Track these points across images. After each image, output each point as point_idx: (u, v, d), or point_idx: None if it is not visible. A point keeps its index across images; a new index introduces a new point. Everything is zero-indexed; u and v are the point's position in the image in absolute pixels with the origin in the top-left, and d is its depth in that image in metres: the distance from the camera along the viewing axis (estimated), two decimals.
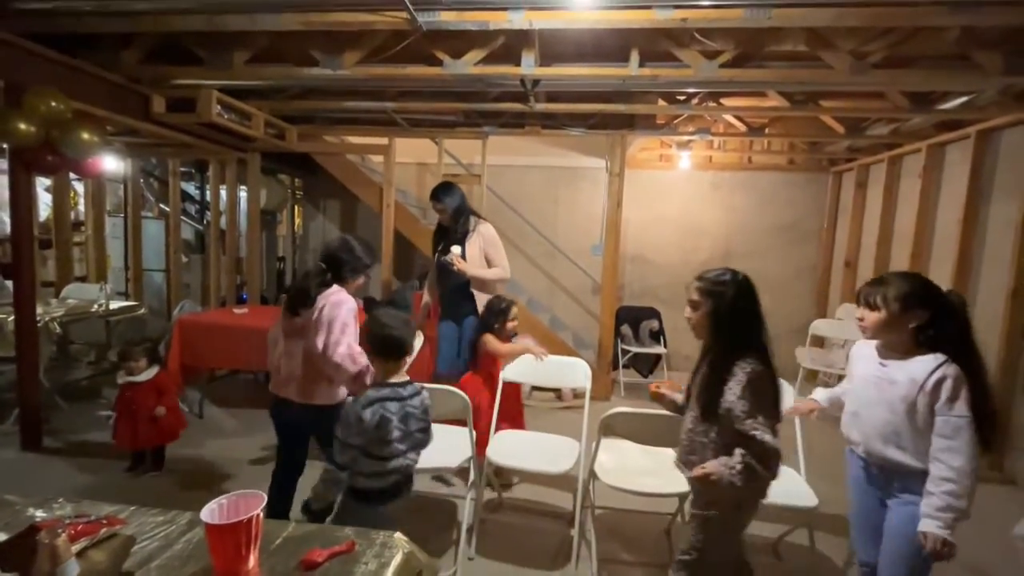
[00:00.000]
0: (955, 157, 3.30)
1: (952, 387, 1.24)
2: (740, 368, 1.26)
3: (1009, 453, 2.78)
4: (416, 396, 1.46)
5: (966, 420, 1.22)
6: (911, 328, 1.31)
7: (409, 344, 1.47)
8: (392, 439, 1.36)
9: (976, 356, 1.28)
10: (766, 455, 1.22)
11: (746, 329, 1.31)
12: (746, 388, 1.24)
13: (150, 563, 0.88)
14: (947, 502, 1.22)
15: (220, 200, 4.38)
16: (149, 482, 2.44)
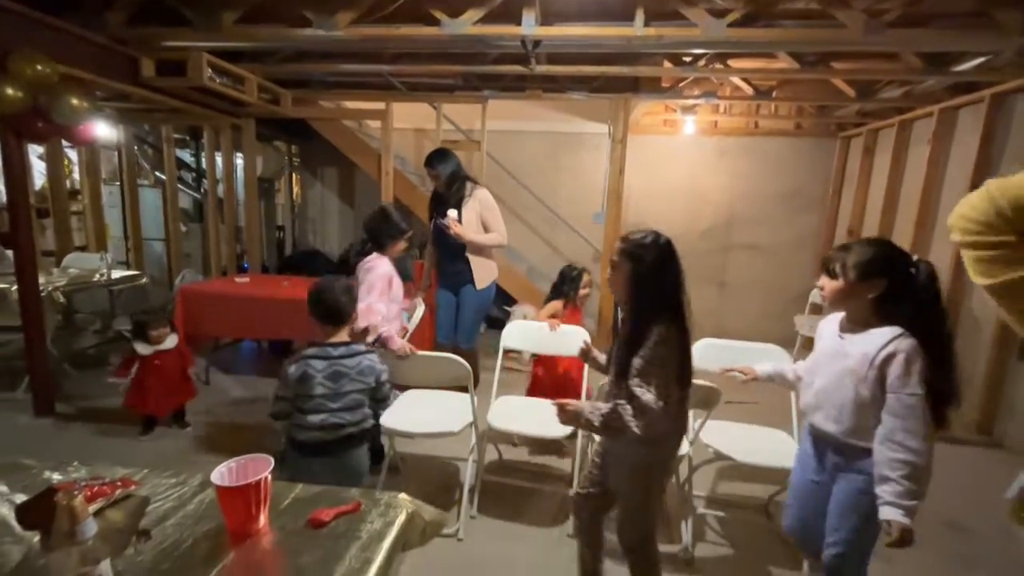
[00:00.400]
0: (967, 122, 3.21)
1: (904, 363, 1.17)
2: (653, 330, 1.25)
3: (999, 418, 2.84)
4: (353, 357, 1.54)
5: (918, 398, 1.16)
6: (870, 299, 1.24)
7: (346, 311, 1.59)
8: (315, 395, 1.47)
9: (939, 330, 1.21)
10: (641, 412, 1.21)
11: (663, 292, 1.29)
12: (649, 349, 1.24)
13: (165, 521, 0.93)
14: (907, 487, 1.17)
15: (216, 168, 4.31)
16: (161, 446, 2.51)
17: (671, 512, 2.10)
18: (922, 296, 1.22)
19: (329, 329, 1.57)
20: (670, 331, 1.25)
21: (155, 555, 0.84)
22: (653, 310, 1.27)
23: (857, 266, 1.24)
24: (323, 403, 1.48)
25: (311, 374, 1.48)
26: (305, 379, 1.48)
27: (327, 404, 1.49)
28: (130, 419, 2.64)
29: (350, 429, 1.53)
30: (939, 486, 2.47)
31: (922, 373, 1.17)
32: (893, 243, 1.28)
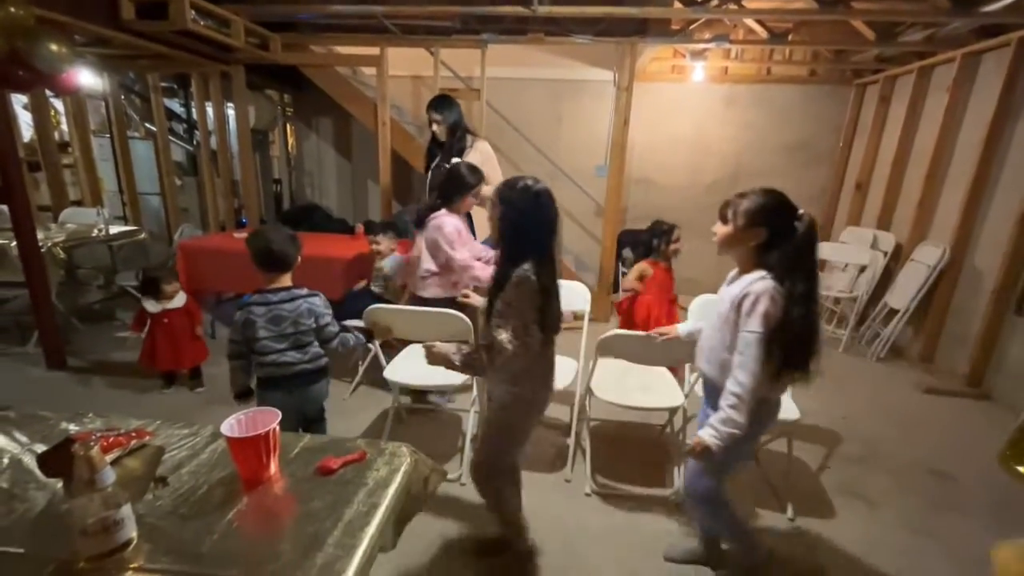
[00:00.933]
0: (990, 68, 3.06)
1: (752, 302, 1.21)
2: (515, 273, 1.27)
3: (989, 371, 2.90)
4: (293, 302, 1.62)
5: (755, 336, 1.20)
6: (752, 246, 1.28)
7: (289, 258, 1.65)
8: (259, 337, 1.59)
9: (805, 281, 1.22)
10: (497, 352, 1.26)
11: (528, 238, 1.30)
12: (508, 292, 1.27)
13: (181, 469, 0.97)
14: (726, 415, 1.23)
15: (207, 119, 4.17)
16: (171, 398, 2.60)
17: (662, 458, 2.20)
18: (797, 245, 1.23)
19: (271, 276, 1.64)
20: (530, 275, 1.27)
21: (173, 500, 0.88)
22: (518, 254, 1.30)
23: (745, 213, 1.27)
24: (268, 344, 1.60)
25: (252, 320, 1.59)
26: (248, 324, 1.59)
27: (272, 345, 1.60)
28: (140, 373, 2.71)
29: (301, 366, 1.64)
30: (926, 435, 2.57)
31: (767, 315, 1.20)
32: (784, 196, 1.28)
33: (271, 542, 0.80)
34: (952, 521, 1.88)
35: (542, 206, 1.31)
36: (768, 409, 1.34)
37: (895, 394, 2.92)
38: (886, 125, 4.03)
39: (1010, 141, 2.88)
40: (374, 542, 0.81)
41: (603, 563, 1.63)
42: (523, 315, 1.27)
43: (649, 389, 2.01)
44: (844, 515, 1.90)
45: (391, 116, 3.96)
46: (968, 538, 1.80)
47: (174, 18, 2.72)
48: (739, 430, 1.23)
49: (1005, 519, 1.88)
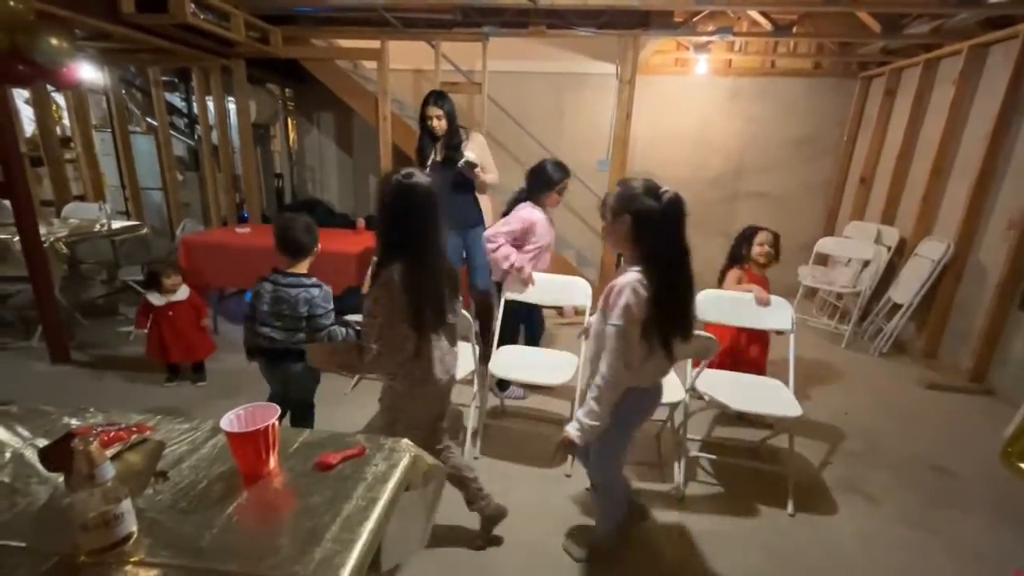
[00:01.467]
0: (997, 60, 3.02)
1: (616, 295, 1.22)
2: (382, 274, 1.28)
3: (993, 366, 2.89)
4: (295, 288, 1.73)
5: (614, 329, 1.22)
6: (629, 238, 1.26)
7: (300, 246, 1.79)
8: (261, 310, 1.76)
9: (671, 262, 1.23)
10: (365, 351, 1.31)
11: (396, 233, 1.30)
12: (374, 291, 1.29)
13: (181, 464, 0.98)
14: (589, 408, 1.27)
15: (208, 113, 4.17)
16: (174, 393, 2.61)
17: (664, 454, 2.20)
18: (657, 224, 1.22)
19: (287, 260, 1.80)
20: (393, 277, 1.26)
21: (173, 494, 0.89)
22: (389, 250, 1.30)
23: (610, 206, 1.27)
24: (265, 318, 1.76)
25: (261, 293, 1.77)
26: (257, 295, 1.78)
27: (268, 320, 1.76)
28: (144, 367, 2.73)
29: (284, 345, 1.75)
30: (927, 431, 2.57)
31: (627, 307, 1.20)
32: (649, 181, 1.27)
33: (270, 536, 0.81)
34: (952, 517, 1.88)
35: (408, 200, 1.28)
36: (642, 397, 1.36)
37: (897, 390, 2.91)
38: (891, 118, 4.00)
39: (1017, 135, 2.85)
40: (373, 537, 0.81)
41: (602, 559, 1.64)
42: (386, 314, 1.28)
43: None
44: (844, 510, 1.90)
45: (392, 110, 3.95)
46: (968, 534, 1.80)
47: (174, 12, 2.71)
48: (599, 421, 1.26)
49: (1006, 515, 1.88)
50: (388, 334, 1.29)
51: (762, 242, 2.33)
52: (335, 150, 5.34)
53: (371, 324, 1.30)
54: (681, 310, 1.27)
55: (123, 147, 4.34)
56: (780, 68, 4.45)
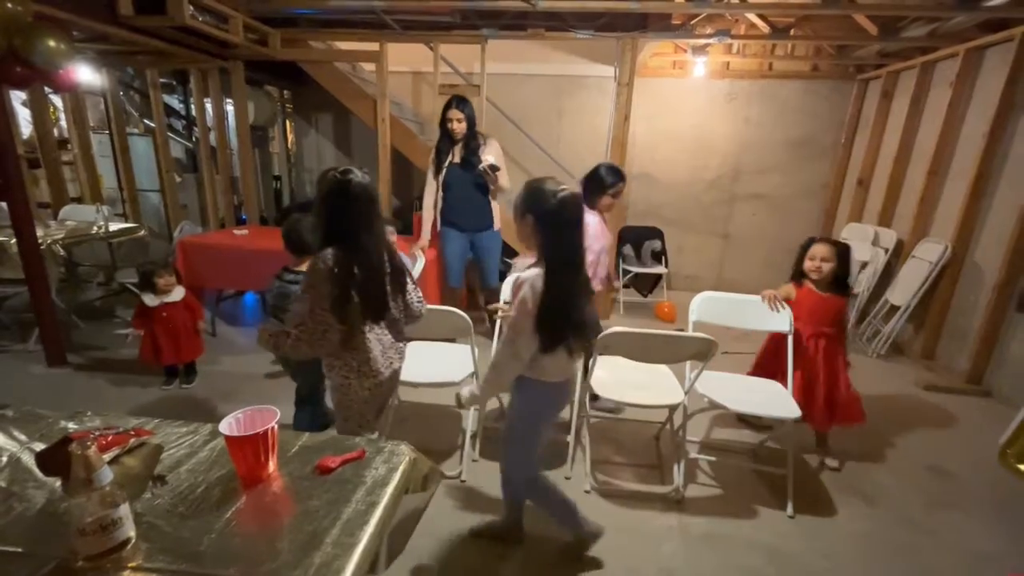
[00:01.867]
0: (993, 63, 3.04)
1: (517, 288, 1.29)
2: (312, 260, 1.34)
3: (990, 368, 2.89)
4: (296, 284, 1.79)
5: (509, 320, 1.29)
6: (534, 237, 1.29)
7: (303, 245, 1.89)
8: (269, 304, 1.96)
9: (563, 260, 1.26)
10: (285, 334, 1.35)
11: (325, 223, 1.35)
12: (305, 276, 1.36)
13: (179, 468, 0.97)
14: (484, 377, 1.39)
15: (206, 115, 4.16)
16: (173, 396, 2.60)
17: (664, 456, 2.20)
18: (550, 223, 1.26)
19: (293, 258, 1.95)
20: (325, 261, 1.31)
21: (172, 499, 0.88)
22: (324, 242, 1.35)
23: (516, 205, 1.32)
24: (274, 310, 1.93)
25: (271, 288, 1.95)
26: (269, 288, 1.97)
27: (274, 313, 1.92)
28: (140, 369, 2.71)
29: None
30: (925, 432, 2.57)
31: (523, 300, 1.26)
32: (549, 180, 1.30)
33: (269, 541, 0.80)
34: (951, 518, 1.88)
35: (345, 194, 1.33)
36: (548, 391, 1.39)
37: (895, 391, 2.92)
38: (888, 121, 4.01)
39: (1012, 136, 2.87)
40: (373, 541, 0.81)
41: (602, 560, 1.64)
42: (315, 300, 1.32)
43: (649, 387, 2.01)
44: (844, 512, 1.90)
45: (391, 113, 3.95)
46: (967, 535, 1.80)
47: (172, 14, 2.71)
48: (486, 394, 1.42)
49: (1004, 516, 1.88)
50: (309, 321, 1.33)
51: (814, 256, 2.05)
52: (334, 152, 5.34)
53: (294, 310, 1.36)
54: (571, 311, 1.28)
55: (120, 149, 4.33)
56: (778, 70, 4.47)
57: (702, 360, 1.81)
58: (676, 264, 4.75)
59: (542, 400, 1.42)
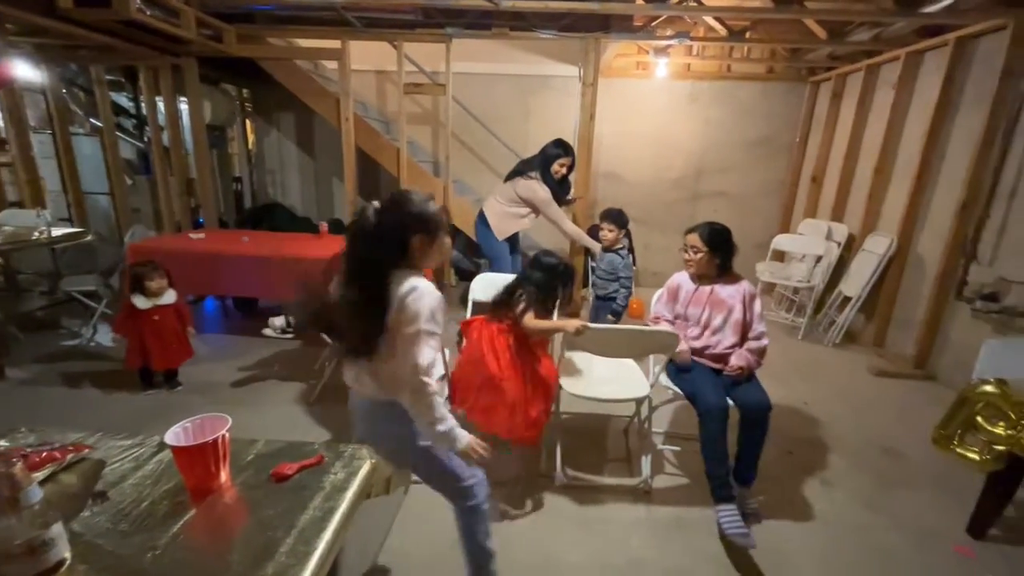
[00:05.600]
0: (931, 66, 3.23)
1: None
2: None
3: (933, 353, 3.07)
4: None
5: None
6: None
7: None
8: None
9: (349, 275, 1.19)
10: None
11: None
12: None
13: (123, 483, 0.92)
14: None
15: (158, 114, 3.98)
16: (124, 408, 2.46)
17: (632, 449, 2.23)
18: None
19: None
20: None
21: (113, 516, 0.84)
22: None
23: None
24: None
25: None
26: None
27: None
28: (94, 381, 2.57)
29: None
30: (877, 416, 2.70)
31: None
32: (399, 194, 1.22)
33: (219, 554, 0.77)
34: (901, 496, 1.99)
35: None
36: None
37: (849, 378, 3.06)
38: (838, 121, 4.20)
39: (949, 136, 3.05)
40: (329, 548, 0.79)
41: (575, 554, 1.65)
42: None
43: (616, 381, 2.04)
44: (804, 495, 1.98)
45: (355, 112, 3.87)
46: (915, 510, 1.90)
47: (117, 7, 2.57)
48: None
49: (948, 491, 2.00)
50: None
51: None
52: (296, 152, 5.20)
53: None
54: (344, 321, 1.17)
55: (64, 150, 4.09)
56: (736, 72, 4.62)
57: (665, 353, 1.85)
58: (643, 261, 4.83)
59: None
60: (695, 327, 1.98)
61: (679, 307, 2.03)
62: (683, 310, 2.01)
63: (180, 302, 2.54)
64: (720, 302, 1.94)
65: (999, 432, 1.58)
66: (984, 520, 1.76)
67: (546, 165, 3.03)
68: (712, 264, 1.95)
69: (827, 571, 1.63)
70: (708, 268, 1.96)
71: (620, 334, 1.83)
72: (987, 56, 2.81)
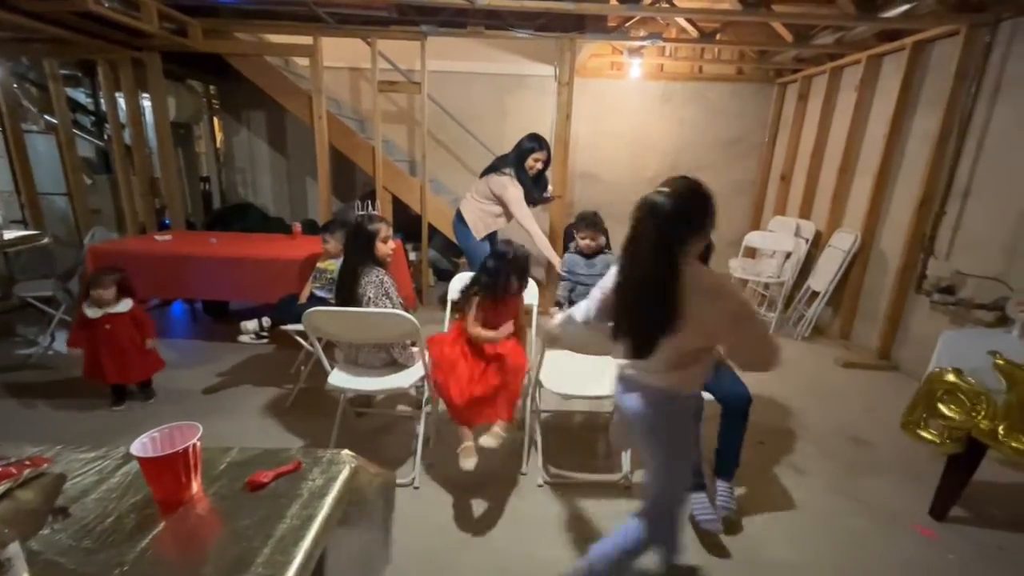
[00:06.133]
0: (890, 69, 3.37)
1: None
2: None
3: (896, 345, 3.21)
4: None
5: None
6: None
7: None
8: None
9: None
10: None
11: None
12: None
13: (86, 497, 0.87)
14: None
15: (119, 110, 3.81)
16: (90, 419, 2.35)
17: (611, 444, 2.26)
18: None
19: None
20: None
21: (75, 532, 0.79)
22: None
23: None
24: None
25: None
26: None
27: None
28: (50, 393, 2.45)
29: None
30: (845, 406, 2.80)
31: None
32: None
33: (191, 568, 0.74)
34: (869, 482, 2.07)
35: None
36: None
37: (818, 370, 3.17)
38: (805, 121, 4.34)
39: (908, 136, 3.19)
40: (308, 557, 0.76)
41: (558, 551, 1.66)
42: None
43: (596, 378, 2.05)
44: (778, 483, 2.03)
45: (329, 110, 3.80)
46: (882, 496, 1.98)
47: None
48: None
49: (912, 476, 2.09)
50: None
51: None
52: (268, 151, 5.06)
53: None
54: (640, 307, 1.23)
55: (16, 148, 3.87)
56: (707, 73, 4.72)
57: None
58: None
59: None
60: None
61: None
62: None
63: (138, 310, 2.38)
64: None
65: (957, 417, 1.67)
66: (945, 502, 1.85)
67: (520, 161, 2.96)
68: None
69: (798, 554, 1.69)
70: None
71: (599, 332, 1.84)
72: (942, 60, 2.95)
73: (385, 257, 2.06)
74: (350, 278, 1.98)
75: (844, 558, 1.68)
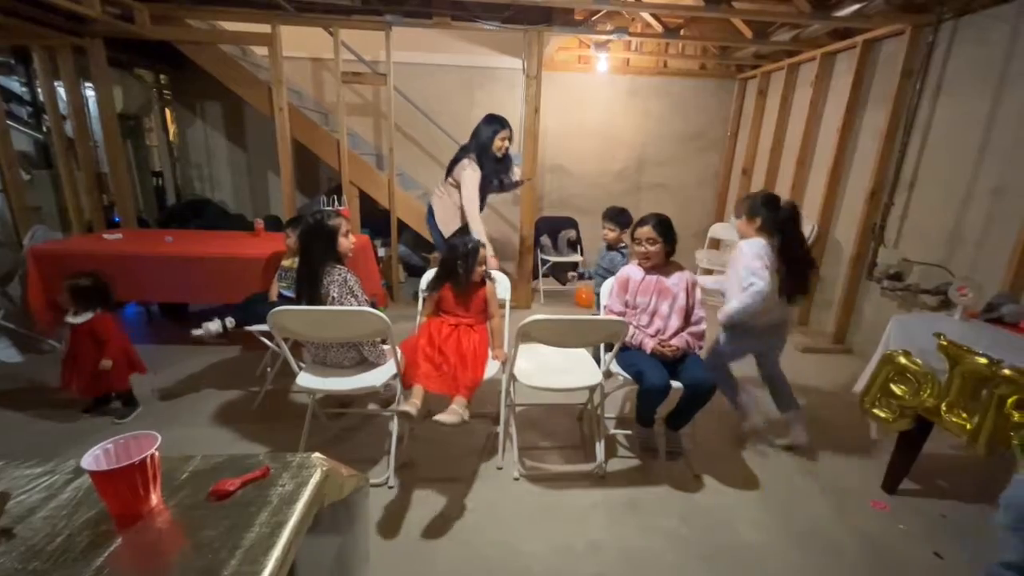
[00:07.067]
0: (843, 67, 3.51)
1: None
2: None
3: (850, 329, 3.38)
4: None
5: None
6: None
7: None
8: None
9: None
10: None
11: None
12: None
13: (33, 515, 0.82)
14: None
15: (59, 101, 3.56)
16: (42, 431, 2.20)
17: (586, 435, 2.29)
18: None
19: None
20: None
21: (22, 555, 0.74)
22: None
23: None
24: None
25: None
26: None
27: None
28: None
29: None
30: (806, 389, 2.92)
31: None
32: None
33: None
34: (827, 460, 2.18)
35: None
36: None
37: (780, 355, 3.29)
38: (764, 116, 4.49)
39: (859, 130, 3.34)
40: (279, 565, 0.74)
41: (535, 541, 1.67)
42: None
43: (569, 370, 2.08)
44: (744, 467, 2.12)
45: (290, 101, 3.66)
46: (839, 471, 2.10)
47: None
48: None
49: (866, 453, 2.22)
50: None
51: (482, 260, 2.19)
52: (226, 144, 4.85)
53: None
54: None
55: None
56: (672, 68, 4.81)
57: (615, 341, 1.90)
58: (591, 252, 4.95)
59: None
60: (644, 315, 2.06)
61: (628, 296, 2.11)
62: (632, 299, 2.10)
63: (100, 324, 2.17)
64: (666, 290, 2.04)
65: (906, 396, 1.77)
66: (896, 476, 1.97)
67: (482, 146, 2.92)
68: (663, 254, 2.04)
69: (762, 532, 1.76)
70: (660, 258, 2.05)
71: (571, 324, 1.86)
72: (889, 58, 3.10)
73: (347, 252, 2.01)
74: (311, 279, 1.91)
75: (805, 535, 1.77)
